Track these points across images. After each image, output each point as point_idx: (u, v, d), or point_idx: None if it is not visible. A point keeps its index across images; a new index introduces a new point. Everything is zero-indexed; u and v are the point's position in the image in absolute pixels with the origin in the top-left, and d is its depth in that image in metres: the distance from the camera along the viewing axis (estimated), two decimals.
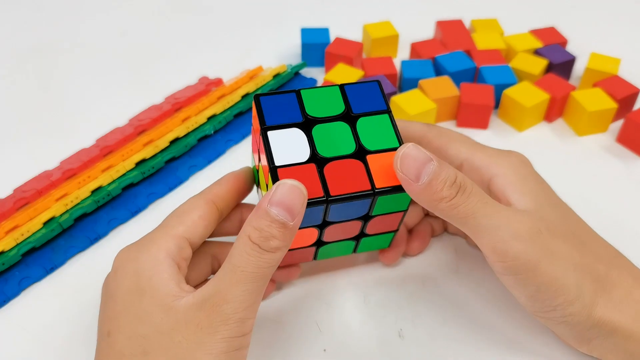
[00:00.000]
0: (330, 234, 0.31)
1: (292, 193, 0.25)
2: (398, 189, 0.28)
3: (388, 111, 0.30)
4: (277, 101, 0.30)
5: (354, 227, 0.31)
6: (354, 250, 0.34)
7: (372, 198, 0.28)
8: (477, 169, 0.32)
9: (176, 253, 0.28)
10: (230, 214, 0.34)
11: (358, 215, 0.30)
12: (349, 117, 0.30)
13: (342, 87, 0.31)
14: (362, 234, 0.32)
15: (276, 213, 0.25)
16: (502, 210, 0.28)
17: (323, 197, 0.27)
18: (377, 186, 0.28)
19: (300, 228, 0.28)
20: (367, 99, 0.31)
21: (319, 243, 0.32)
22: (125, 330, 0.26)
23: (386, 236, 0.33)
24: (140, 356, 0.25)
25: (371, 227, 0.32)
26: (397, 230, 0.33)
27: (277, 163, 0.27)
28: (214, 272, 0.34)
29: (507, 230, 0.27)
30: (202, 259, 0.33)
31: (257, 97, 0.30)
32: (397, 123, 0.34)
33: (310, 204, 0.27)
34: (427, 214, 0.38)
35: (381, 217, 0.31)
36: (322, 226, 0.30)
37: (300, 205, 0.26)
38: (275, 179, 0.27)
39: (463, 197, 0.27)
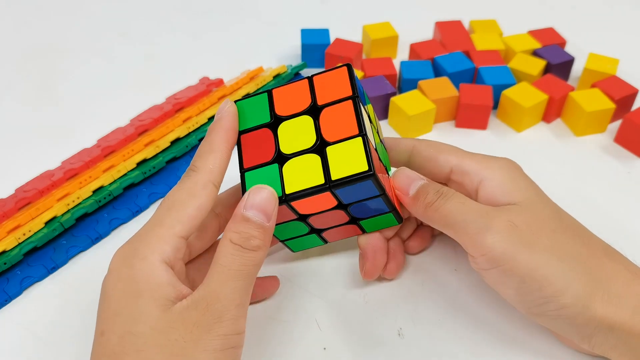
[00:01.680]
0: (319, 220, 0.31)
1: (262, 195, 0.28)
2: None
3: (354, 97, 0.30)
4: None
5: (342, 217, 0.32)
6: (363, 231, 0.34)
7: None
8: (467, 174, 0.33)
9: (172, 256, 0.28)
10: None
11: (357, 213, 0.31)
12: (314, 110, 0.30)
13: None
14: (355, 219, 0.32)
15: (252, 215, 0.27)
16: (478, 207, 0.30)
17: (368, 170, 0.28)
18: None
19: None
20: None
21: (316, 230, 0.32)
22: (117, 330, 0.26)
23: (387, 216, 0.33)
24: (133, 354, 0.25)
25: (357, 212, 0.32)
26: (393, 209, 0.32)
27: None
28: (221, 229, 0.33)
29: (482, 222, 0.29)
30: (208, 220, 0.32)
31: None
32: (386, 141, 0.35)
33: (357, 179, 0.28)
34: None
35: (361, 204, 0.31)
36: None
37: (273, 206, 0.28)
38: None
39: (443, 200, 0.31)
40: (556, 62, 0.51)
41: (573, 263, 0.29)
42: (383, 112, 0.49)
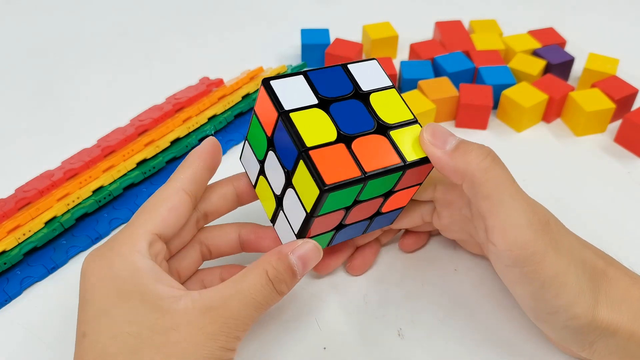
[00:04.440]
0: (353, 215, 0.31)
1: (313, 252, 0.29)
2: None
3: (393, 86, 0.32)
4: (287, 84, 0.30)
5: (374, 205, 0.31)
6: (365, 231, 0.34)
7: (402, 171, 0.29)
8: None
9: (148, 251, 0.28)
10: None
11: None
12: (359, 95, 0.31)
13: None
14: (377, 213, 0.32)
15: (294, 262, 0.28)
16: (523, 194, 0.29)
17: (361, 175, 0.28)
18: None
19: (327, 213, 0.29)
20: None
21: (339, 227, 0.32)
22: (106, 331, 0.26)
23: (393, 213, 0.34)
24: (129, 354, 0.25)
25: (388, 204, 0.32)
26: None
27: (308, 144, 0.28)
28: (204, 258, 0.34)
29: (524, 215, 0.27)
30: (191, 247, 0.33)
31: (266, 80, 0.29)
32: None
33: (349, 184, 0.28)
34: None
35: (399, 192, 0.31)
36: (351, 207, 0.30)
37: (312, 265, 0.29)
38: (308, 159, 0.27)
39: (498, 166, 0.28)
40: (556, 62, 0.51)
41: (582, 269, 0.28)
42: None
